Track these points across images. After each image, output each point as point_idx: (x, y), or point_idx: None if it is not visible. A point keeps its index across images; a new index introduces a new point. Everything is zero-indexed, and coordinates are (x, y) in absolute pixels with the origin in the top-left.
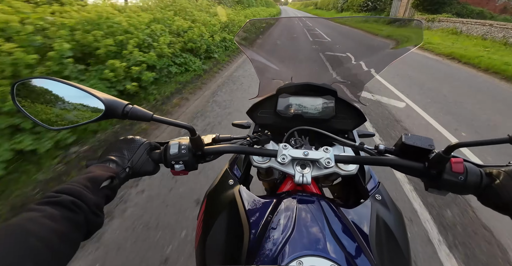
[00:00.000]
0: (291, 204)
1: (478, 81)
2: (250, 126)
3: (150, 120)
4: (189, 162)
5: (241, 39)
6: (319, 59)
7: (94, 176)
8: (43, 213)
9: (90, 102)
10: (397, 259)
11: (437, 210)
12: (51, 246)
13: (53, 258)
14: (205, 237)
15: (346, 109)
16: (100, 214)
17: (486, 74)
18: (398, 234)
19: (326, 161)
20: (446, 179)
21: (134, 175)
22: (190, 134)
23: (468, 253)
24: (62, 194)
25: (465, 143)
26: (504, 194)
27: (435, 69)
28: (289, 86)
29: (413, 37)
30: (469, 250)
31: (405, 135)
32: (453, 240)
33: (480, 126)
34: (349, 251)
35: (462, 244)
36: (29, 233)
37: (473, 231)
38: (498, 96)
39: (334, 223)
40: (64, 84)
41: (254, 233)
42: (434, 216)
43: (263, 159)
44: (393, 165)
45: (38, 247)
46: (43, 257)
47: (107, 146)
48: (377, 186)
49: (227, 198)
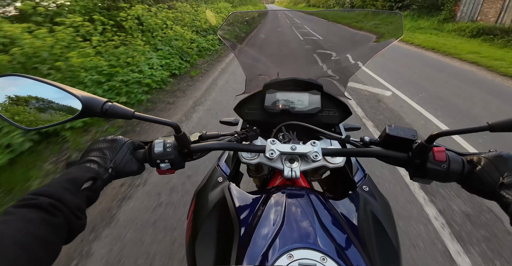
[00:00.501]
0: (280, 198)
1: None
2: (238, 123)
3: (132, 118)
4: (175, 160)
5: (225, 33)
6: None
7: (74, 177)
8: (19, 216)
9: (66, 100)
10: (385, 247)
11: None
12: (29, 251)
13: (32, 264)
14: (195, 236)
15: (332, 103)
16: (82, 216)
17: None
18: (385, 223)
19: (314, 154)
20: (430, 167)
21: (118, 175)
22: (175, 131)
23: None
24: (40, 196)
25: (446, 132)
26: (486, 179)
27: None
28: (275, 82)
29: (394, 30)
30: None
31: (389, 126)
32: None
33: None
34: (339, 242)
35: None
36: (5, 237)
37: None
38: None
39: (323, 216)
40: (38, 82)
41: (244, 229)
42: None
43: (252, 155)
44: (378, 156)
45: (15, 252)
46: (21, 262)
47: (88, 146)
48: (364, 177)
49: (217, 195)
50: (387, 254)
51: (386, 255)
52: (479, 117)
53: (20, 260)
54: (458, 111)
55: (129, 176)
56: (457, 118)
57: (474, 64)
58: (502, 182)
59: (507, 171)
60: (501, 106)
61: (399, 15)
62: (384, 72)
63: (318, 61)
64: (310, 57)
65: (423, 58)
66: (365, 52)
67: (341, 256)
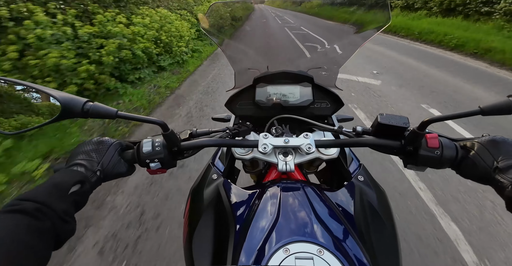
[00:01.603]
0: (275, 192)
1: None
2: (231, 119)
3: (115, 117)
4: (165, 159)
5: (209, 26)
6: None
7: (60, 181)
8: (4, 223)
9: (44, 101)
10: (383, 236)
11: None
12: (17, 258)
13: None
14: (191, 234)
15: (324, 95)
16: (70, 220)
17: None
18: (382, 212)
19: (307, 146)
20: (423, 154)
21: (106, 177)
22: (162, 130)
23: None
24: (25, 201)
25: (438, 118)
26: (480, 164)
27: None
28: (265, 75)
29: (381, 17)
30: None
31: (380, 115)
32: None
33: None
34: (336, 233)
35: None
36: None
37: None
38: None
39: (319, 207)
40: (13, 84)
41: (239, 225)
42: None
43: (245, 150)
44: (370, 145)
45: (3, 262)
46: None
47: (74, 149)
48: (359, 167)
49: (211, 192)
50: (385, 243)
51: (384, 244)
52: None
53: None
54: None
55: (118, 177)
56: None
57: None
58: (496, 166)
59: (502, 154)
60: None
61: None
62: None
63: (307, 53)
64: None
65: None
66: (353, 41)
67: (338, 248)
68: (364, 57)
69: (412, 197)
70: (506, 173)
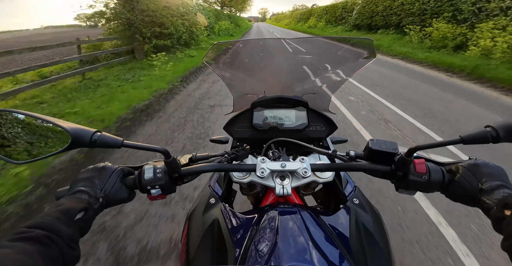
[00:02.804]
0: (273, 217)
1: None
2: (229, 141)
3: (121, 146)
4: (165, 185)
5: (210, 60)
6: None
7: (67, 208)
8: (16, 249)
9: (55, 132)
10: (378, 258)
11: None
12: None
13: None
14: (189, 260)
15: (318, 118)
16: (76, 247)
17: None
18: (377, 235)
19: (303, 171)
20: (412, 179)
21: (108, 204)
22: (165, 157)
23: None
24: (35, 229)
25: (423, 146)
26: (467, 186)
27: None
28: (262, 100)
29: (368, 53)
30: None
31: (371, 141)
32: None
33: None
34: (331, 258)
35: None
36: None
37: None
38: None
39: (315, 232)
40: (25, 116)
41: (239, 250)
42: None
43: (243, 174)
44: (363, 170)
45: None
46: None
47: (76, 176)
48: (354, 190)
49: (210, 217)
50: (380, 264)
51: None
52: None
53: None
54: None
55: (120, 203)
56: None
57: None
58: (481, 188)
59: (484, 177)
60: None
61: (370, 40)
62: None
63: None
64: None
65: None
66: (344, 71)
67: None
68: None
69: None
70: (490, 194)
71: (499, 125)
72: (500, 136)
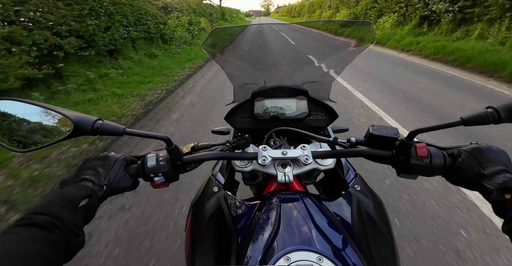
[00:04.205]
0: (275, 203)
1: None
2: (230, 132)
3: (123, 134)
4: (168, 173)
5: (209, 47)
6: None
7: (71, 195)
8: (20, 235)
9: (57, 120)
10: (380, 243)
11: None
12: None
13: None
14: (194, 248)
15: (319, 107)
16: (80, 233)
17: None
18: (379, 220)
19: (305, 157)
20: (413, 163)
21: (112, 192)
22: (166, 145)
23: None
24: (39, 214)
25: (423, 129)
26: (468, 171)
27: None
28: (263, 90)
29: (367, 36)
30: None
31: (372, 126)
32: None
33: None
34: (334, 242)
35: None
36: (10, 257)
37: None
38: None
39: (318, 217)
40: (28, 105)
41: (241, 237)
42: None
43: (245, 163)
44: (364, 155)
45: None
46: None
47: (81, 165)
48: (355, 177)
49: (213, 205)
50: (383, 250)
51: (382, 251)
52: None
53: None
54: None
55: (123, 192)
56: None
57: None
58: (482, 173)
59: (486, 162)
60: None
61: (369, 23)
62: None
63: (302, 68)
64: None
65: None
66: (343, 57)
67: (337, 256)
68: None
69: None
70: (491, 179)
71: (500, 106)
72: (501, 116)
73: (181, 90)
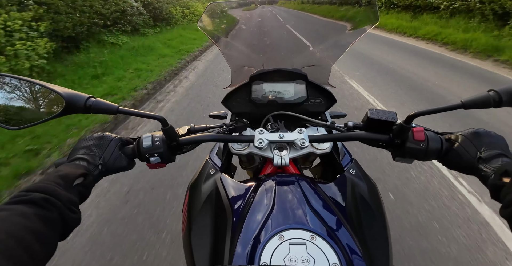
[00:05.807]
0: (270, 184)
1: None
2: (227, 116)
3: (116, 113)
4: (164, 153)
5: (205, 25)
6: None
7: (65, 173)
8: (13, 212)
9: (49, 97)
10: (373, 226)
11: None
12: (25, 244)
13: (30, 259)
14: (190, 229)
15: (317, 92)
16: (76, 210)
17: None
18: (373, 204)
19: (301, 141)
20: (410, 147)
21: (108, 171)
22: (162, 125)
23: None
24: (33, 192)
25: (422, 112)
26: (465, 155)
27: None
28: (261, 73)
29: (369, 16)
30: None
31: (370, 110)
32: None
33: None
34: (328, 222)
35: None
36: (3, 233)
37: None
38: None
39: (312, 198)
40: (18, 81)
41: (236, 217)
42: None
43: (242, 146)
44: (361, 139)
45: (11, 245)
46: (16, 255)
47: (75, 144)
48: (351, 161)
49: (209, 187)
50: (376, 233)
51: (374, 233)
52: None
53: (15, 253)
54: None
55: (119, 171)
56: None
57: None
58: (479, 156)
59: (484, 145)
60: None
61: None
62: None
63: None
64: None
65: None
66: (344, 39)
67: (330, 235)
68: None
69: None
70: (488, 162)
71: (502, 90)
72: (502, 100)
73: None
